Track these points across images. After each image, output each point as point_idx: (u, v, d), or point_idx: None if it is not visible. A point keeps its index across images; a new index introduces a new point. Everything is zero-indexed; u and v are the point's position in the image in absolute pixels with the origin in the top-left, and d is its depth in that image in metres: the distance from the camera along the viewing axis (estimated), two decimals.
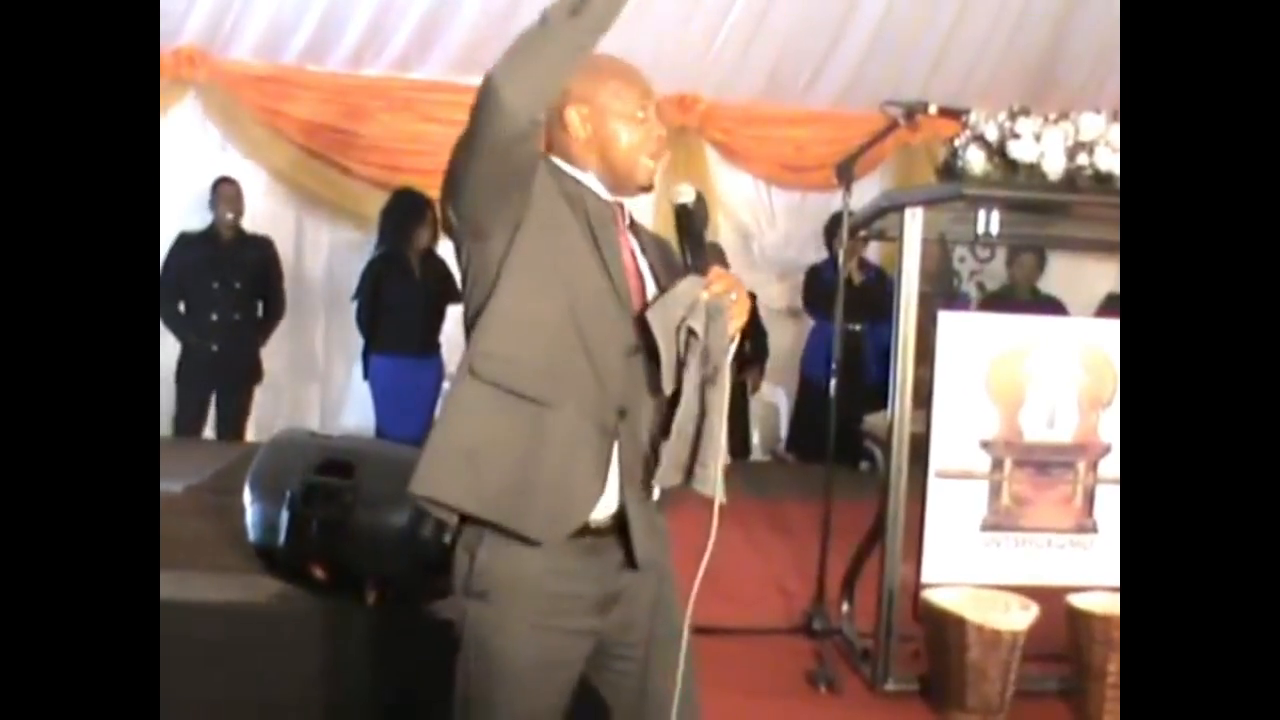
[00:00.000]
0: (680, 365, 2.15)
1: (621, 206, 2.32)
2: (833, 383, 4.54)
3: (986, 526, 3.86)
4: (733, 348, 2.21)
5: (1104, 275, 7.79)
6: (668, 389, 2.16)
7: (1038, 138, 3.66)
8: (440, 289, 6.95)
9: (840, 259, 4.58)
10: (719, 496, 2.15)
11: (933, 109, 4.29)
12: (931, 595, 3.73)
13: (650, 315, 2.17)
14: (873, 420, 6.05)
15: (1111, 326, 3.99)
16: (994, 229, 3.81)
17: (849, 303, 4.60)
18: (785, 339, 7.86)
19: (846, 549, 4.20)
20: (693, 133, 7.92)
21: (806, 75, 7.80)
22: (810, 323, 7.64)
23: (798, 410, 7.84)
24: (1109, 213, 3.78)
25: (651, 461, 2.20)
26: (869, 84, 7.26)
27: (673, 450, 2.16)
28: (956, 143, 3.76)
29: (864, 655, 3.95)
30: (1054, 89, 7.37)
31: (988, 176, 3.69)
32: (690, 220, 2.28)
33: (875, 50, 7.62)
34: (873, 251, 7.40)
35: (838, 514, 4.34)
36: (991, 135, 3.69)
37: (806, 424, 7.48)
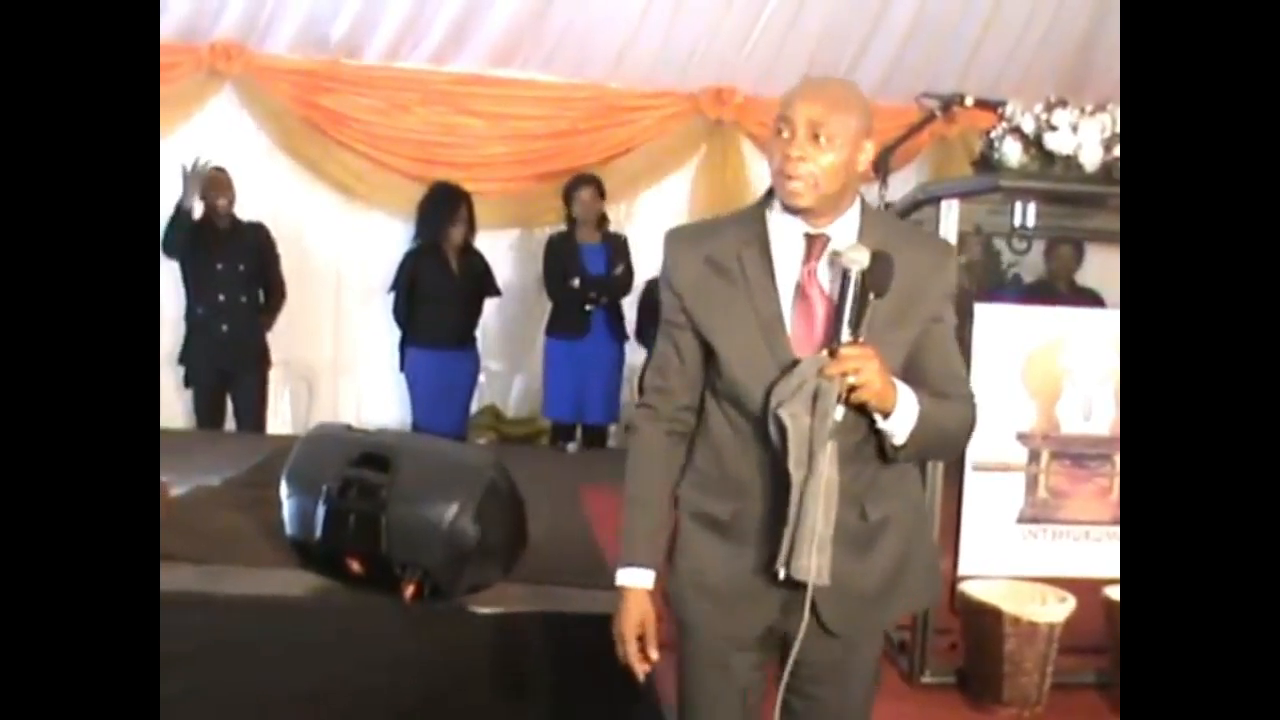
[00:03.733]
0: (781, 445, 2.15)
1: (818, 240, 2.24)
2: None
3: (1023, 519, 3.85)
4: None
5: None
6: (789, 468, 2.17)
7: (1074, 129, 3.64)
8: (477, 282, 6.98)
9: None
10: (813, 581, 2.16)
11: (969, 101, 4.26)
12: (968, 588, 3.72)
13: (773, 391, 2.16)
14: None
15: None
16: (1030, 221, 3.78)
17: None
18: None
19: None
20: (729, 126, 7.91)
21: (843, 68, 7.77)
22: None
23: None
24: None
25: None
26: (905, 76, 7.23)
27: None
28: (993, 134, 3.73)
29: (901, 648, 3.93)
30: (1091, 80, 7.32)
31: (1024, 168, 3.67)
32: (855, 286, 2.14)
33: (911, 42, 7.59)
34: None
35: None
36: (1028, 127, 3.66)
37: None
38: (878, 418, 2.18)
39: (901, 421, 2.18)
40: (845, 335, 2.13)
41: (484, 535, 3.82)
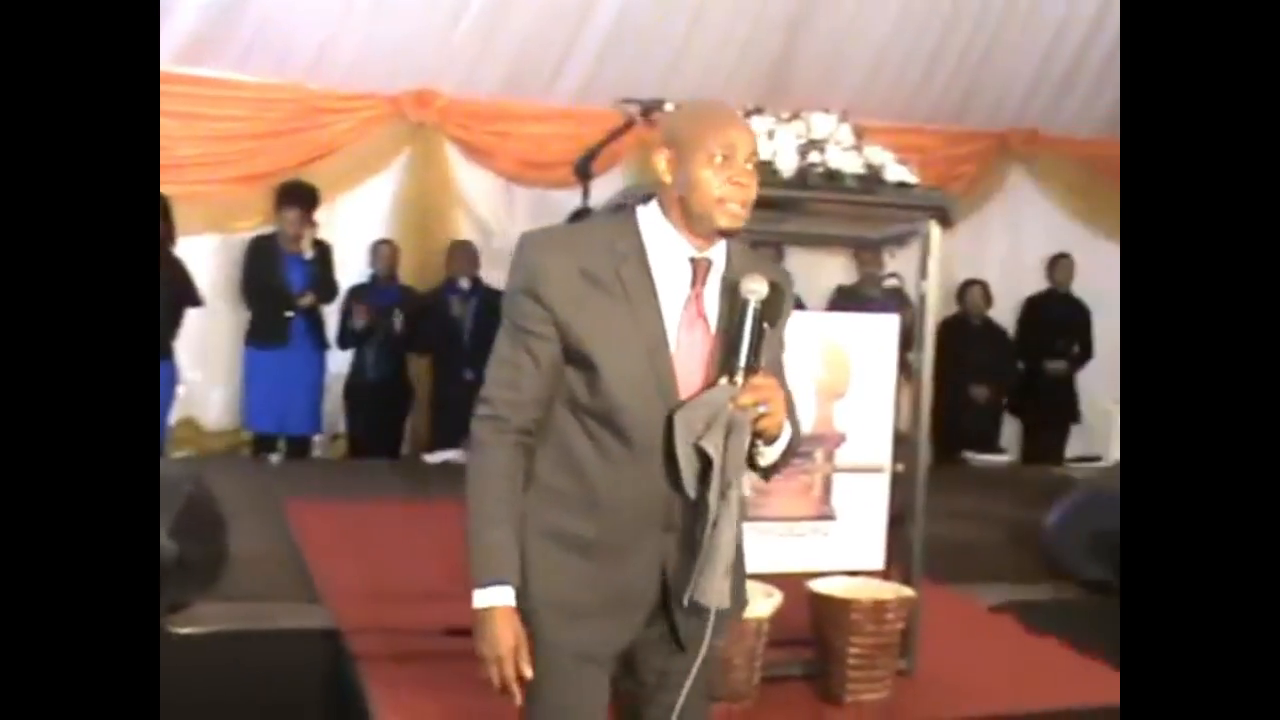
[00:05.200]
0: (700, 477, 2.13)
1: (702, 264, 2.23)
2: None
3: None
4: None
5: (836, 270, 8.05)
6: (690, 493, 2.15)
7: (771, 136, 3.73)
8: (175, 291, 6.72)
9: None
10: (715, 604, 2.16)
11: (669, 107, 4.33)
12: None
13: (677, 418, 2.13)
14: None
15: (845, 320, 4.22)
16: None
17: None
18: None
19: None
20: (432, 129, 7.84)
21: (547, 72, 7.81)
22: None
23: None
24: (840, 209, 3.88)
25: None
26: (608, 82, 7.31)
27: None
28: None
29: None
30: (787, 90, 7.56)
31: None
32: (752, 319, 2.15)
33: (613, 48, 7.68)
34: None
35: None
36: None
37: None
38: (758, 443, 2.21)
39: (778, 446, 2.24)
40: (742, 364, 2.13)
41: (182, 552, 3.69)
